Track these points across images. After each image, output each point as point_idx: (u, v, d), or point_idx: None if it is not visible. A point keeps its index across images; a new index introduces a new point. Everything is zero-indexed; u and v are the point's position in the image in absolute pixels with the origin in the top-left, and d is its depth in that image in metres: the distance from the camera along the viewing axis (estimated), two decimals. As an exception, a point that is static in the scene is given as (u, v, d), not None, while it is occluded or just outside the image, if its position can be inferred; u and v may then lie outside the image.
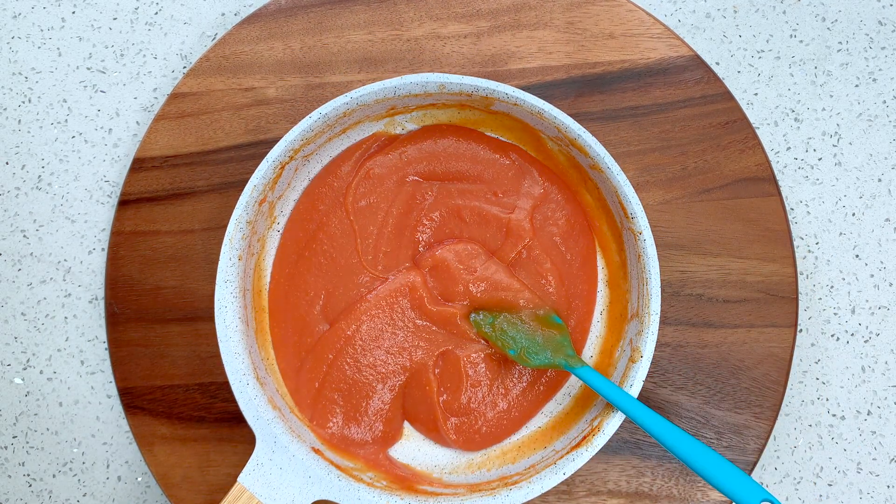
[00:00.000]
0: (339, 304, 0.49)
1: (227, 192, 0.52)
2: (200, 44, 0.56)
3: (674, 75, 0.52)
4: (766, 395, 0.49)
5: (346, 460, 0.46)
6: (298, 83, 0.53)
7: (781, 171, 0.53)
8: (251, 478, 0.43)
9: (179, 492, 0.50)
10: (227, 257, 0.45)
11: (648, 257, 0.45)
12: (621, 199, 0.45)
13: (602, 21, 0.52)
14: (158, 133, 0.53)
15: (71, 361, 0.53)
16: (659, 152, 0.51)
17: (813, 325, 0.52)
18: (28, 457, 0.52)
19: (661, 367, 0.50)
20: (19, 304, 0.54)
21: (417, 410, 0.48)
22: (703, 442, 0.48)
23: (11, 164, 0.55)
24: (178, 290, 0.52)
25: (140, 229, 0.52)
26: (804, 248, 0.53)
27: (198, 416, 0.51)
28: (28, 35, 0.56)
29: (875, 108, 0.54)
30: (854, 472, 0.51)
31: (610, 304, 0.49)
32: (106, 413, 0.53)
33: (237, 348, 0.45)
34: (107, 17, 0.56)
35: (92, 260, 0.54)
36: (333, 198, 0.50)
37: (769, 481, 0.51)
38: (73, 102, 0.55)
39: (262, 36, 0.53)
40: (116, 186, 0.54)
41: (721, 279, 0.50)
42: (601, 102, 0.51)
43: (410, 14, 0.53)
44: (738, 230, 0.51)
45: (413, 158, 0.50)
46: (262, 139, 0.52)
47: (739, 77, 0.54)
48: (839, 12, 0.55)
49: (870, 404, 0.51)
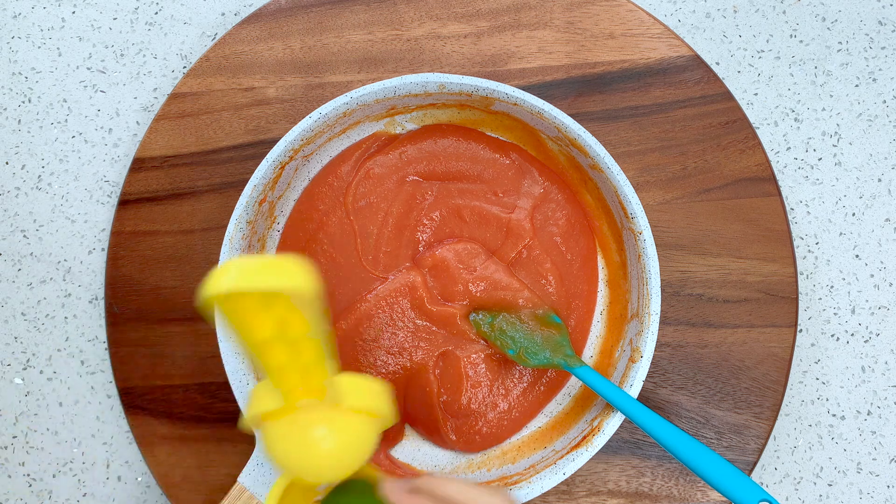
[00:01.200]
0: (339, 304, 0.49)
1: (227, 192, 0.52)
2: (200, 44, 0.56)
3: (674, 75, 0.52)
4: (767, 395, 0.49)
5: (346, 460, 0.46)
6: (298, 83, 0.53)
7: (781, 171, 0.53)
8: (251, 478, 0.43)
9: (179, 492, 0.50)
10: (228, 257, 0.45)
11: (648, 257, 0.45)
12: (621, 199, 0.45)
13: (602, 21, 0.52)
14: (158, 133, 0.53)
15: (71, 361, 0.53)
16: (659, 152, 0.51)
17: (813, 326, 0.52)
18: (28, 457, 0.52)
19: (661, 368, 0.50)
20: (19, 304, 0.53)
21: (417, 412, 0.48)
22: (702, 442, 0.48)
23: (11, 164, 0.55)
24: (178, 290, 0.52)
25: (140, 229, 0.52)
26: (804, 248, 0.53)
27: (198, 416, 0.50)
28: (28, 35, 0.56)
29: (875, 108, 0.54)
30: (854, 472, 0.51)
31: (610, 304, 0.49)
32: (106, 413, 0.53)
33: (237, 348, 0.45)
34: (107, 17, 0.56)
35: (92, 260, 0.54)
36: (333, 198, 0.50)
37: (769, 481, 0.51)
38: (73, 102, 0.55)
39: (262, 36, 0.53)
40: (116, 186, 0.54)
41: (721, 279, 0.50)
42: (601, 102, 0.51)
43: (410, 14, 0.53)
44: (739, 230, 0.51)
45: (413, 158, 0.50)
46: (262, 139, 0.52)
47: (739, 77, 0.54)
48: (839, 12, 0.55)
49: (870, 404, 0.51)
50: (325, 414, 0.34)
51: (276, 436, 0.34)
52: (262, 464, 0.44)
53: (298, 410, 0.34)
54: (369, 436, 0.36)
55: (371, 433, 0.36)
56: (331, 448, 0.34)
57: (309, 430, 0.34)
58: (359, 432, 0.35)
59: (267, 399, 0.34)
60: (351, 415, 0.35)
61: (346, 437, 0.34)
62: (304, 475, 0.35)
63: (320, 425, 0.34)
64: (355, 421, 0.35)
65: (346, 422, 0.34)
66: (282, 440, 0.34)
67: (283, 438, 0.34)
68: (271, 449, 0.35)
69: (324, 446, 0.34)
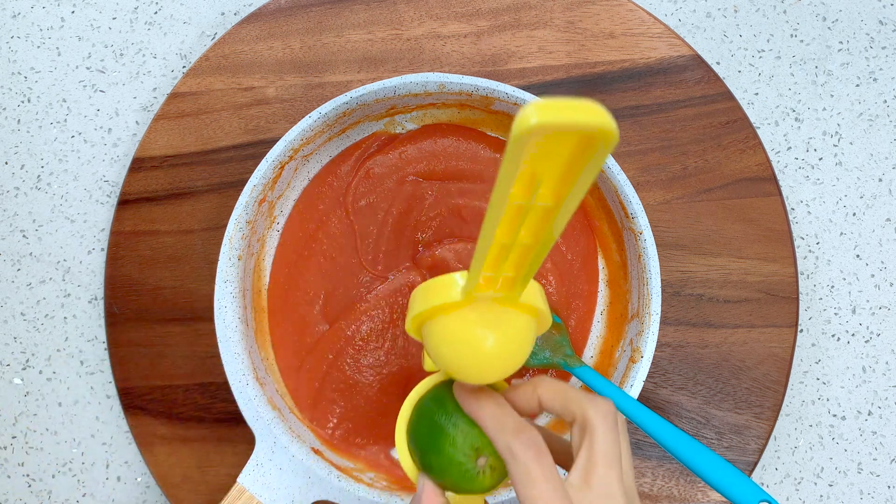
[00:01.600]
0: (339, 304, 0.49)
1: (226, 192, 0.52)
2: (200, 43, 0.56)
3: (674, 75, 0.52)
4: (767, 395, 0.49)
5: (346, 461, 0.46)
6: (298, 83, 0.53)
7: (782, 170, 0.53)
8: (251, 478, 0.43)
9: (179, 492, 0.50)
10: (227, 257, 0.45)
11: (649, 257, 0.45)
12: (622, 199, 0.45)
13: (602, 20, 0.52)
14: (158, 133, 0.53)
15: (70, 361, 0.53)
16: (659, 152, 0.51)
17: (813, 326, 0.52)
18: (27, 457, 0.52)
19: (662, 368, 0.50)
20: (19, 304, 0.53)
21: (417, 410, 0.48)
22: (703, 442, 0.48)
23: (11, 164, 0.55)
24: (177, 290, 0.51)
25: (139, 229, 0.52)
26: (805, 248, 0.53)
27: (197, 417, 0.50)
28: (27, 35, 0.56)
29: (876, 107, 0.54)
30: (855, 472, 0.51)
31: (610, 304, 0.49)
32: (105, 413, 0.52)
33: (237, 348, 0.45)
34: (106, 17, 0.56)
35: (91, 260, 0.54)
36: (333, 197, 0.50)
37: (770, 482, 0.51)
38: (72, 102, 0.55)
39: (261, 35, 0.53)
40: (116, 186, 0.54)
41: (722, 279, 0.50)
42: (601, 102, 0.51)
43: (410, 13, 0.53)
44: (739, 230, 0.51)
45: (413, 158, 0.50)
46: (261, 139, 0.52)
47: (740, 77, 0.54)
48: (840, 12, 0.55)
49: (870, 404, 0.51)
50: (494, 314, 0.32)
51: (443, 335, 0.32)
52: (262, 464, 0.44)
53: (468, 307, 0.32)
54: (530, 337, 0.34)
55: (532, 334, 0.34)
56: (496, 349, 0.32)
57: (478, 329, 0.32)
58: (523, 333, 0.33)
59: (444, 293, 0.32)
60: (517, 314, 0.33)
61: (512, 337, 0.33)
62: (463, 376, 0.33)
63: (490, 325, 0.32)
64: (520, 321, 0.33)
65: (511, 322, 0.32)
66: (449, 338, 0.32)
67: (450, 338, 0.32)
68: (436, 347, 0.33)
69: (489, 346, 0.32)
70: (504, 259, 0.29)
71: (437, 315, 0.33)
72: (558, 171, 0.25)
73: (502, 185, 0.24)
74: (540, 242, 0.28)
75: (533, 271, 0.30)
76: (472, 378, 0.33)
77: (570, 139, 0.24)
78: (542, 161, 0.24)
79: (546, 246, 0.28)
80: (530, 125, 0.21)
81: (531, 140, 0.22)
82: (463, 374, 0.33)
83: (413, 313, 0.33)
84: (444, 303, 0.32)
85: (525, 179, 0.25)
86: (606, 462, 0.30)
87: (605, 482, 0.30)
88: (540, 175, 0.25)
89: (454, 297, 0.32)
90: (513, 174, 0.24)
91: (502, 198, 0.25)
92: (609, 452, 0.30)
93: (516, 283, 0.31)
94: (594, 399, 0.32)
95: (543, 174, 0.25)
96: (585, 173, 0.24)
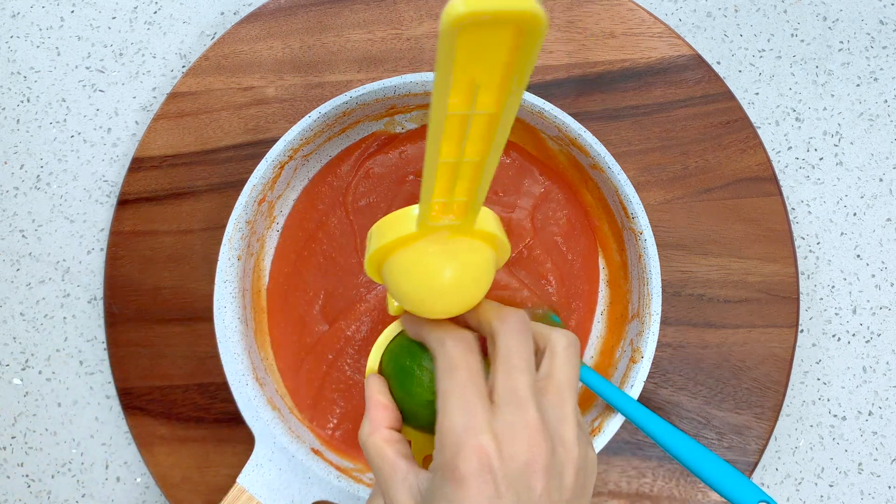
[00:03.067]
0: (339, 304, 0.48)
1: (226, 192, 0.52)
2: (200, 43, 0.56)
3: (674, 74, 0.52)
4: (768, 395, 0.49)
5: (346, 461, 0.46)
6: (298, 82, 0.53)
7: (782, 170, 0.53)
8: (250, 478, 0.43)
9: (178, 492, 0.50)
10: (227, 257, 0.45)
11: (649, 257, 0.45)
12: (622, 199, 0.45)
13: (603, 20, 0.52)
14: (157, 133, 0.53)
15: (70, 362, 0.53)
16: (660, 152, 0.51)
17: (814, 326, 0.52)
18: (27, 457, 0.52)
19: (662, 368, 0.50)
20: (18, 305, 0.53)
21: (417, 411, 0.48)
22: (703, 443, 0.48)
23: (10, 164, 0.55)
24: (177, 290, 0.51)
25: (139, 229, 0.52)
26: (805, 248, 0.53)
27: (197, 417, 0.50)
28: (27, 34, 0.56)
29: (876, 107, 0.54)
30: (855, 472, 0.51)
31: (610, 304, 0.49)
32: (105, 413, 0.52)
33: (236, 349, 0.45)
34: (106, 17, 0.56)
35: (91, 260, 0.54)
36: (333, 197, 0.50)
37: (770, 482, 0.51)
38: (71, 102, 0.55)
39: (261, 35, 0.53)
40: (115, 186, 0.54)
41: (722, 279, 0.50)
42: (602, 102, 0.51)
43: (410, 13, 0.53)
44: (740, 230, 0.51)
45: (413, 158, 0.50)
46: (261, 139, 0.52)
47: (740, 76, 0.54)
48: (840, 11, 0.55)
49: (871, 405, 0.51)
50: (452, 244, 0.32)
51: (401, 269, 0.32)
52: (262, 464, 0.44)
53: (425, 240, 0.32)
54: (489, 268, 0.33)
55: (491, 265, 0.33)
56: (454, 279, 0.32)
57: (435, 259, 0.32)
58: (481, 263, 0.33)
59: (399, 226, 0.32)
60: (475, 244, 0.32)
61: (470, 267, 0.32)
62: (425, 310, 0.33)
63: (447, 254, 0.32)
64: (478, 254, 0.33)
65: (469, 251, 0.32)
66: (406, 272, 0.32)
67: (409, 271, 0.32)
68: (395, 283, 0.32)
69: (447, 277, 0.32)
70: (454, 182, 0.29)
71: (395, 251, 0.32)
72: (496, 75, 0.24)
73: (440, 92, 0.24)
74: (486, 158, 0.28)
75: (484, 192, 0.30)
76: (433, 312, 0.33)
77: (501, 35, 0.23)
78: (477, 64, 0.24)
79: (493, 161, 0.28)
80: (459, 13, 0.20)
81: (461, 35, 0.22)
82: (424, 309, 0.33)
83: (370, 251, 0.33)
84: (400, 236, 0.31)
85: (462, 87, 0.25)
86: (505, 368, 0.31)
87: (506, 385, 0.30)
88: (478, 80, 0.25)
89: (410, 228, 0.31)
90: (448, 77, 0.23)
91: (442, 107, 0.24)
92: (510, 355, 0.31)
93: (469, 208, 0.30)
94: (500, 308, 0.33)
95: (481, 79, 0.25)
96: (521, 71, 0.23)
